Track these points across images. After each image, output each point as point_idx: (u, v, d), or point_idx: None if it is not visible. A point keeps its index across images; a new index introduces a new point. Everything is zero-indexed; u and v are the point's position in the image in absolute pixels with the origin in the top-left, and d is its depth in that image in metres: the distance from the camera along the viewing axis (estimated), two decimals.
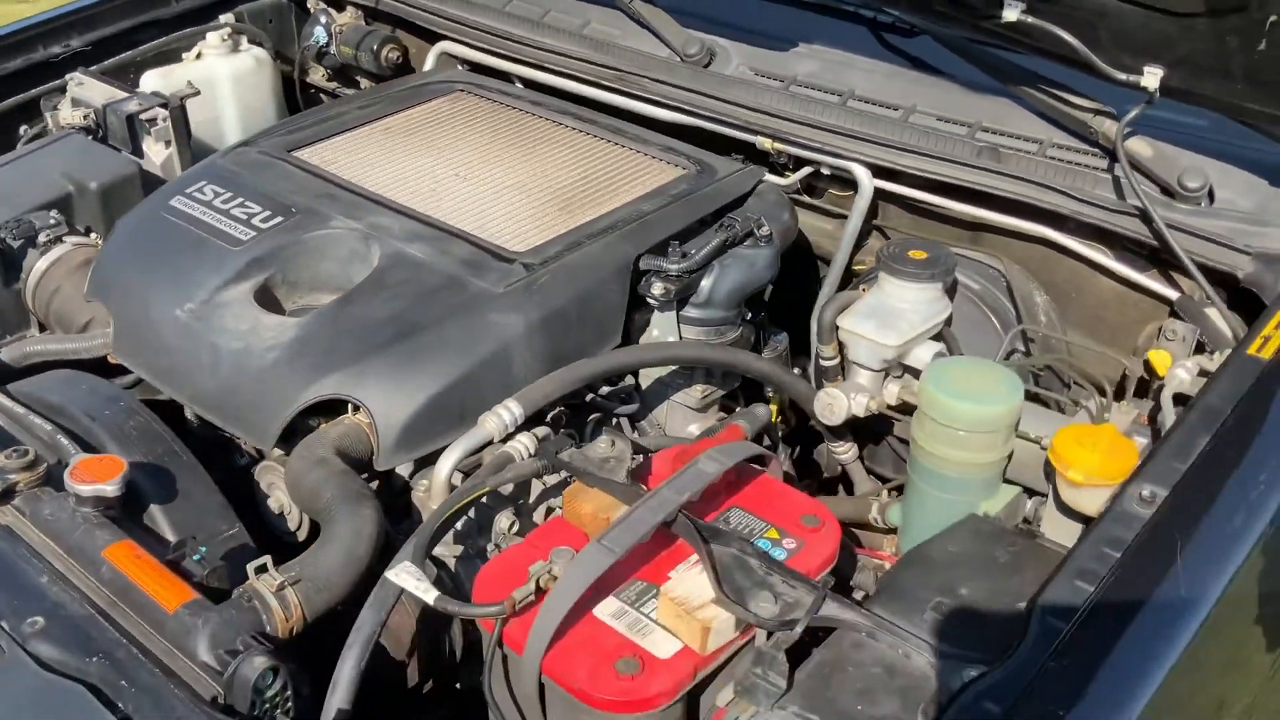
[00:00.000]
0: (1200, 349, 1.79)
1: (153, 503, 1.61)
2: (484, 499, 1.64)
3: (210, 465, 1.81)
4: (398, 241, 1.89)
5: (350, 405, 1.69)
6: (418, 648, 1.59)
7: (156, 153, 2.39)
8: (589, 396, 1.89)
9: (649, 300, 1.87)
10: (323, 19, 2.87)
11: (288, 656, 1.42)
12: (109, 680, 1.32)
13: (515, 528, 1.65)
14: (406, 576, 1.39)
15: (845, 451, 1.98)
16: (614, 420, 1.94)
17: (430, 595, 1.37)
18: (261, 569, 1.42)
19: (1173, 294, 1.87)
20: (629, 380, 1.95)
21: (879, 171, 2.11)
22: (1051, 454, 1.55)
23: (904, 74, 2.22)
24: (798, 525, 1.51)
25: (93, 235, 2.16)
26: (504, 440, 1.66)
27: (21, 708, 1.31)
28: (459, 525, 1.65)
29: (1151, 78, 1.76)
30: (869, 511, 1.86)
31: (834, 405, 1.82)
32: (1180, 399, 1.61)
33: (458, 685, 1.70)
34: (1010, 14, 1.82)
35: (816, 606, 1.32)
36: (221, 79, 2.76)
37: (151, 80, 2.63)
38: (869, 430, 2.04)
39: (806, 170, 2.21)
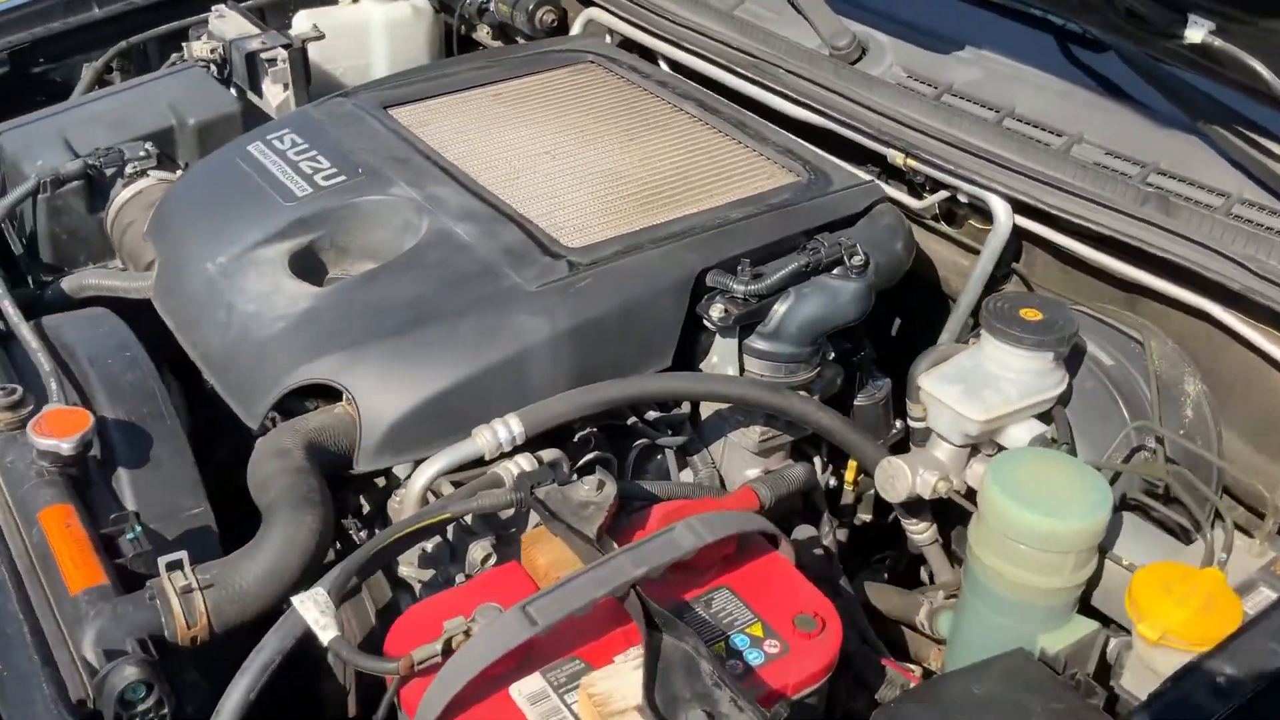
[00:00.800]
0: None
1: (121, 465, 1.51)
2: (468, 520, 1.46)
3: (228, 431, 1.71)
4: (449, 218, 1.72)
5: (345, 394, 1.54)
6: (359, 677, 1.43)
7: (274, 94, 2.31)
8: (631, 420, 1.67)
9: (705, 322, 1.63)
10: None
11: (189, 666, 1.30)
12: None
13: (492, 561, 1.46)
14: (311, 605, 1.22)
15: (922, 532, 1.67)
16: (661, 451, 1.71)
17: (328, 634, 1.19)
18: (174, 565, 1.29)
19: None
20: (685, 407, 1.72)
21: (1022, 208, 1.77)
22: (1127, 597, 1.22)
23: (1078, 95, 1.86)
24: (789, 625, 1.25)
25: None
26: (498, 459, 1.47)
27: None
28: (428, 548, 1.47)
29: None
30: (918, 612, 1.56)
31: (895, 480, 1.53)
32: None
33: None
34: (1195, 34, 1.46)
35: None
36: (375, 26, 2.68)
37: (302, 20, 2.56)
38: (957, 508, 1.72)
39: (943, 194, 1.89)
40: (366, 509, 1.64)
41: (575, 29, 2.52)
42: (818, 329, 1.65)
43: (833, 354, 1.73)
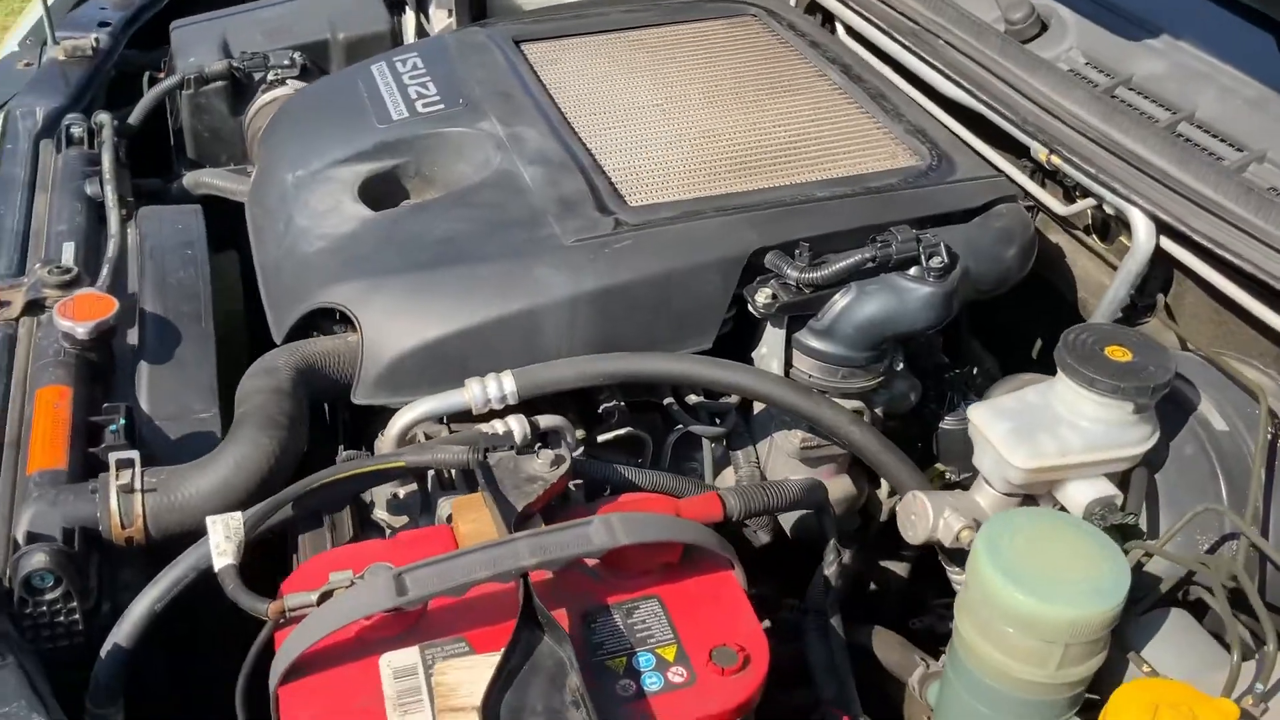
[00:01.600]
0: None
1: (146, 359, 1.53)
2: (453, 473, 1.38)
3: None
4: (521, 159, 1.63)
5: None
6: None
7: (438, 20, 2.30)
8: (668, 401, 1.54)
9: (749, 307, 1.46)
10: None
11: (129, 565, 1.29)
12: None
13: None
14: (220, 528, 1.18)
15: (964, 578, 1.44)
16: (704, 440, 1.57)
17: (221, 560, 1.15)
18: (126, 463, 1.28)
19: None
20: (734, 396, 1.56)
21: (1172, 232, 1.48)
22: (1103, 713, 0.99)
23: (1275, 105, 1.54)
24: (706, 655, 1.10)
25: None
26: (490, 416, 1.39)
27: None
28: (400, 494, 1.40)
29: None
30: (912, 673, 1.35)
31: (916, 519, 1.32)
32: None
33: None
34: None
35: None
36: None
37: None
38: None
39: (1091, 202, 1.62)
40: None
41: None
42: (878, 332, 1.45)
43: (900, 364, 1.53)
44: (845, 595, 1.44)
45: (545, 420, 1.42)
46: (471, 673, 1.03)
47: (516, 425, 1.39)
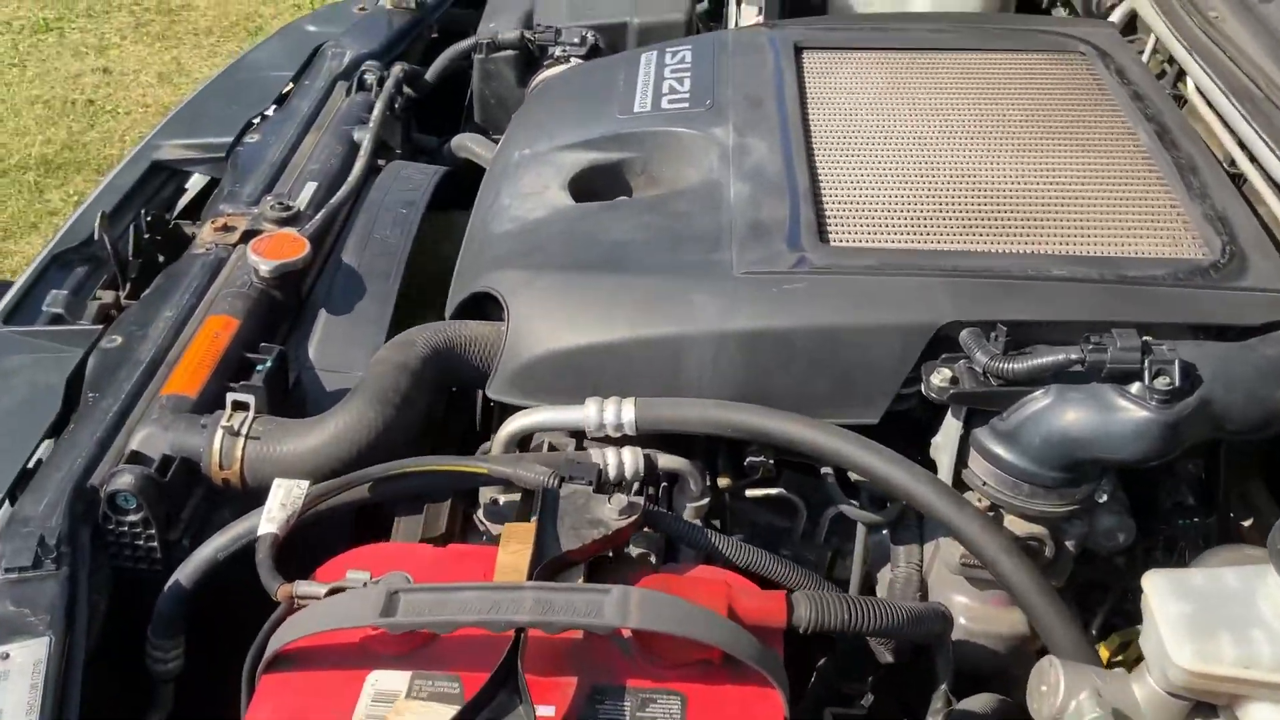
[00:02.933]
0: None
1: (326, 306, 1.54)
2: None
3: None
4: (736, 173, 1.50)
5: None
6: None
7: (746, 15, 2.19)
8: (825, 471, 1.36)
9: (923, 387, 1.25)
10: None
11: (228, 505, 1.30)
12: (87, 405, 1.34)
13: None
14: (281, 492, 1.16)
15: None
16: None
17: (267, 527, 1.12)
18: (241, 405, 1.29)
19: None
20: None
21: None
22: None
23: None
24: None
25: None
26: (608, 441, 1.28)
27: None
28: (501, 501, 1.33)
29: None
30: None
31: (1045, 693, 1.06)
32: None
33: None
34: None
35: None
36: None
37: None
38: None
39: None
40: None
41: (1114, 16, 2.05)
42: (1070, 451, 1.19)
43: (1106, 495, 1.25)
44: None
45: (667, 461, 1.30)
46: (434, 716, 0.93)
47: (629, 458, 1.27)
